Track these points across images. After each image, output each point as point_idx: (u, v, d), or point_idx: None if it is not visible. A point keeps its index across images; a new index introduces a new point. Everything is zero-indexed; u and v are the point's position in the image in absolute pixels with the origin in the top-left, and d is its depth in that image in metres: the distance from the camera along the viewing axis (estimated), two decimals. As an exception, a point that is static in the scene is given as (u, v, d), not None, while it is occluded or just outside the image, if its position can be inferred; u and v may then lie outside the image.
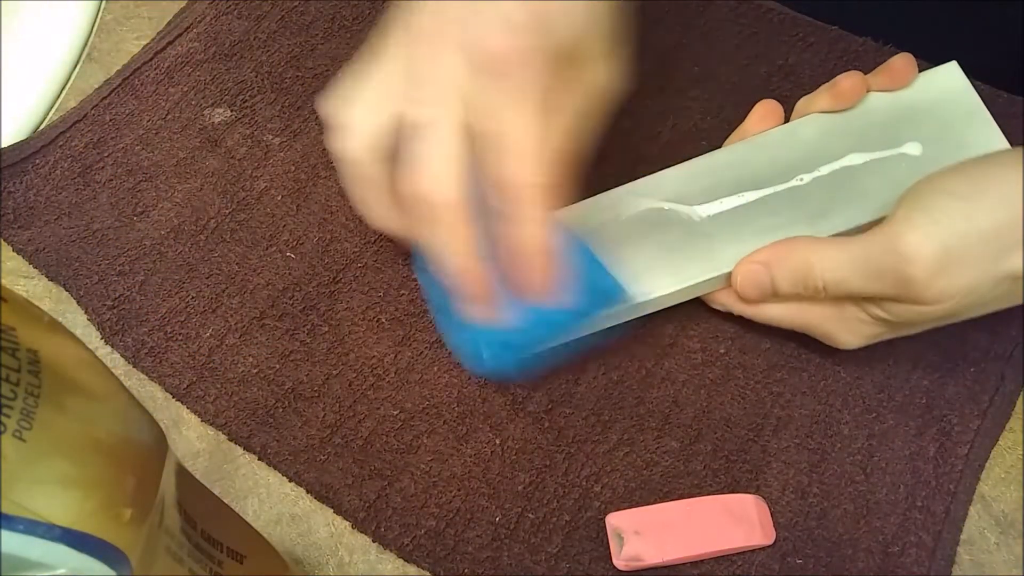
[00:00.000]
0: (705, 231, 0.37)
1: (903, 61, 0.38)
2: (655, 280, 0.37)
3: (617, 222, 0.39)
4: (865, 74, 0.39)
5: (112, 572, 0.19)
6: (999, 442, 0.37)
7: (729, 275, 0.37)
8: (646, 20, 0.48)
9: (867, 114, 0.38)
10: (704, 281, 0.37)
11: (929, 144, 0.37)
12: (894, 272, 0.31)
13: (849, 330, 0.35)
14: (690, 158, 0.39)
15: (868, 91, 0.38)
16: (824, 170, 0.37)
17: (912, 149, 0.37)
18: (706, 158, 0.39)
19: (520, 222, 0.30)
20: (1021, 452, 0.36)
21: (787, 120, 0.40)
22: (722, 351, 0.39)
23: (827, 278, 0.34)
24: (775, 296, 0.36)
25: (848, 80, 0.38)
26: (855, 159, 0.37)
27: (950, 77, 0.38)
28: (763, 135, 0.39)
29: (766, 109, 0.40)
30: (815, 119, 0.39)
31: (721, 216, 0.38)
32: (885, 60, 0.39)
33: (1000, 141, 0.36)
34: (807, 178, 0.37)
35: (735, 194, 0.38)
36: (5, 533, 0.17)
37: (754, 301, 0.37)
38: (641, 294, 0.37)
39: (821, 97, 0.38)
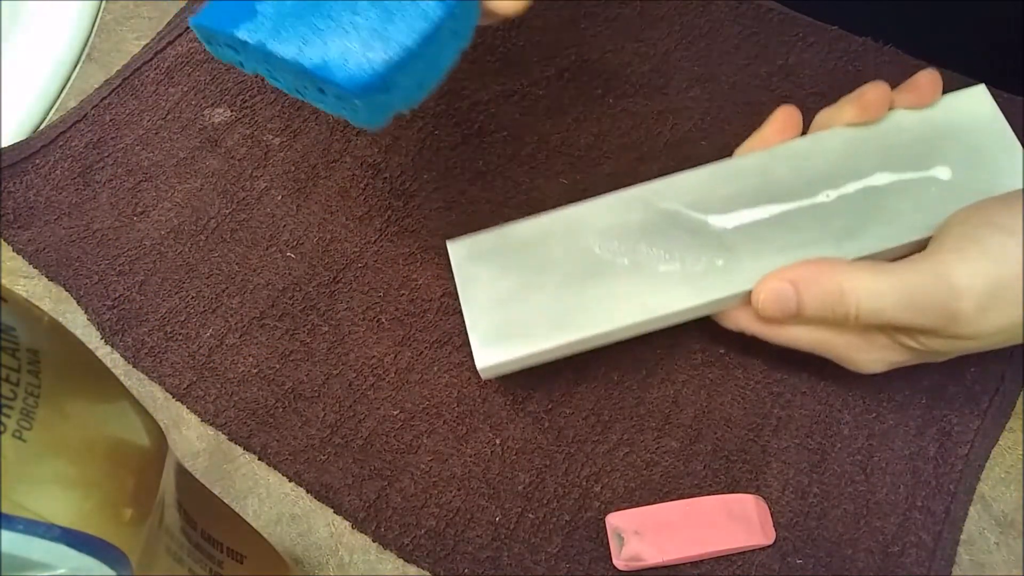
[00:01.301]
0: (724, 244, 0.36)
1: (928, 78, 0.37)
2: (669, 293, 0.35)
3: (629, 225, 0.37)
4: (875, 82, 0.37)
5: (112, 572, 0.19)
6: (999, 442, 0.37)
7: (747, 293, 0.35)
8: (646, 20, 0.48)
9: (893, 132, 0.37)
10: (722, 298, 0.35)
11: (958, 169, 0.36)
12: (942, 305, 0.30)
13: (873, 359, 0.34)
14: (690, 158, 0.39)
15: (892, 107, 0.37)
16: (850, 188, 0.36)
17: (941, 173, 0.35)
18: (726, 164, 0.37)
19: None
20: (1021, 452, 0.36)
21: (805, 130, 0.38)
22: (722, 351, 0.39)
23: (861, 307, 0.32)
24: (796, 318, 0.34)
25: (874, 91, 0.36)
26: (882, 179, 0.36)
27: (978, 101, 0.37)
28: (786, 145, 0.37)
29: (786, 116, 0.38)
30: (840, 132, 0.37)
31: (741, 229, 0.36)
32: (885, 60, 0.39)
33: None
34: (833, 195, 0.36)
35: (756, 206, 0.36)
36: (5, 533, 0.17)
37: (774, 321, 0.35)
38: (654, 309, 0.35)
39: (846, 108, 0.37)
